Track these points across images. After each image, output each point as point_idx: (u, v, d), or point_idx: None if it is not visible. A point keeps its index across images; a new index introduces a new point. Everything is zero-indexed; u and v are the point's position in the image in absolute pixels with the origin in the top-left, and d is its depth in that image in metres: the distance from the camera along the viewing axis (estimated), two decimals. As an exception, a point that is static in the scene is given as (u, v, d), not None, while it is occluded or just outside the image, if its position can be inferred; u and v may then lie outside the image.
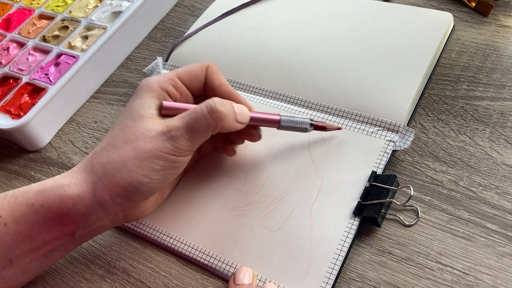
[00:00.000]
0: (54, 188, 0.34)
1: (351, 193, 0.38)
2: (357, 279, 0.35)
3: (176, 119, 0.35)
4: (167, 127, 0.34)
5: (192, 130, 0.34)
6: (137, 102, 0.36)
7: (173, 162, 0.35)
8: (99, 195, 0.34)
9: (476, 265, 0.34)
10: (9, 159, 0.51)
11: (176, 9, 0.61)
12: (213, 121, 0.35)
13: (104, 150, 0.35)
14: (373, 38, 0.46)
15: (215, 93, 0.39)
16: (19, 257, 0.34)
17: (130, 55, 0.58)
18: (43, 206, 0.34)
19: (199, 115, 0.34)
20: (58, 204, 0.34)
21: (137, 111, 0.36)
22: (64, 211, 0.34)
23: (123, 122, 0.36)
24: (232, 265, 0.37)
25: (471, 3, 0.49)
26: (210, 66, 0.40)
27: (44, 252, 0.35)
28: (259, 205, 0.39)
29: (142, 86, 0.38)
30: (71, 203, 0.34)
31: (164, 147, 0.34)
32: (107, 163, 0.34)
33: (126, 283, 0.39)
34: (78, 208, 0.34)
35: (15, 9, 0.61)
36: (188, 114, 0.35)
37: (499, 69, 0.43)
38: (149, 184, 0.34)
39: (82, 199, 0.34)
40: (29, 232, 0.34)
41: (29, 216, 0.34)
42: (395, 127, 0.40)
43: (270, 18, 0.52)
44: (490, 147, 0.39)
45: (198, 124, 0.34)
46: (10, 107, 0.51)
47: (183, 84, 0.39)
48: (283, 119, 0.39)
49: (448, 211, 0.36)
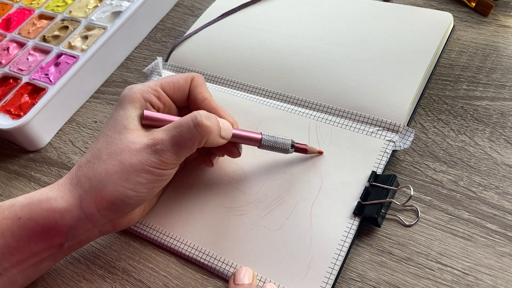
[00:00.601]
0: (41, 201, 0.34)
1: (351, 193, 0.38)
2: (357, 279, 0.35)
3: (161, 132, 0.35)
4: (152, 140, 0.34)
5: (177, 143, 0.34)
6: (121, 113, 0.36)
7: (158, 175, 0.34)
8: (86, 208, 0.34)
9: (476, 265, 0.34)
10: (9, 159, 0.51)
11: (176, 9, 0.61)
12: (198, 135, 0.34)
13: (89, 163, 0.35)
14: (373, 38, 0.46)
15: (198, 107, 0.38)
16: (7, 269, 0.34)
17: (130, 55, 0.58)
18: (30, 220, 0.33)
19: (185, 129, 0.34)
20: (45, 217, 0.33)
21: (121, 122, 0.35)
22: (52, 224, 0.33)
23: (107, 134, 0.35)
24: (232, 265, 0.37)
25: (471, 3, 0.49)
26: (195, 78, 0.39)
27: (32, 263, 0.35)
28: (259, 205, 0.39)
29: (124, 95, 0.37)
30: (58, 216, 0.33)
31: (150, 160, 0.34)
32: (92, 177, 0.34)
33: (126, 283, 0.39)
34: (66, 221, 0.34)
35: (15, 9, 0.61)
36: (173, 127, 0.34)
37: (499, 69, 0.43)
38: (135, 197, 0.34)
39: (69, 212, 0.34)
40: (16, 244, 0.33)
41: (16, 230, 0.33)
42: (395, 127, 0.40)
43: (270, 18, 0.52)
44: (490, 147, 0.39)
45: (184, 138, 0.34)
46: (10, 107, 0.51)
47: (167, 94, 0.38)
48: (264, 138, 0.38)
49: (448, 211, 0.36)
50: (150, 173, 0.34)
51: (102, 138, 0.36)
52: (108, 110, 0.53)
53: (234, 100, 0.46)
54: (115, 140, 0.35)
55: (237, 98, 0.47)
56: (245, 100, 0.46)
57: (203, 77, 0.40)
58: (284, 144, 0.39)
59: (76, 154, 0.50)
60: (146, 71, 0.53)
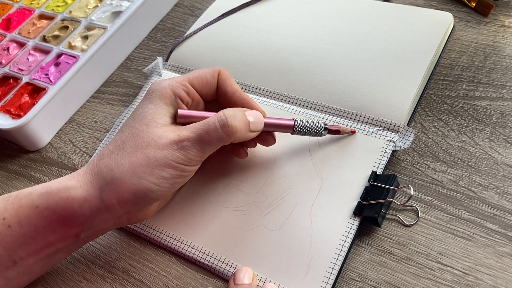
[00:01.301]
0: (59, 190, 0.34)
1: (351, 193, 0.38)
2: (357, 279, 0.35)
3: (188, 129, 0.35)
4: (178, 136, 0.34)
5: (203, 142, 0.35)
6: (151, 107, 0.36)
7: (182, 171, 0.35)
8: (106, 199, 0.34)
9: (476, 265, 0.34)
10: (9, 159, 0.51)
11: (176, 9, 0.61)
12: (224, 135, 0.35)
13: (112, 154, 0.35)
14: (373, 38, 0.46)
15: (228, 100, 0.39)
16: (22, 258, 0.34)
17: (130, 55, 0.58)
18: (47, 209, 0.33)
19: (211, 128, 0.35)
20: (63, 206, 0.33)
21: (151, 116, 0.36)
22: (69, 213, 0.34)
23: (134, 126, 0.36)
24: (232, 265, 0.37)
25: (471, 3, 0.49)
26: (221, 72, 0.39)
27: (47, 253, 0.35)
28: (259, 205, 0.39)
29: (154, 90, 0.37)
30: (76, 206, 0.33)
31: (175, 156, 0.34)
32: (115, 168, 0.34)
33: (126, 283, 0.39)
34: (84, 211, 0.34)
35: (15, 9, 0.61)
36: (200, 125, 0.35)
37: (499, 69, 0.43)
38: (158, 191, 0.34)
39: (88, 202, 0.34)
40: (33, 234, 0.34)
41: (33, 218, 0.33)
42: (395, 127, 0.40)
43: (270, 18, 0.52)
44: (490, 147, 0.39)
45: (210, 137, 0.35)
46: (10, 107, 0.51)
47: (195, 89, 0.38)
48: (297, 124, 0.38)
49: (448, 211, 0.36)
50: (175, 168, 0.34)
51: (127, 130, 0.36)
52: (108, 110, 0.53)
53: (234, 100, 0.46)
54: (141, 133, 0.35)
55: (237, 98, 0.47)
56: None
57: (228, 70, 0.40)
58: (317, 128, 0.39)
59: (76, 154, 0.50)
60: (146, 71, 0.53)
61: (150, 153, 0.34)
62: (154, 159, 0.34)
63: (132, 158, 0.34)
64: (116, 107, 0.53)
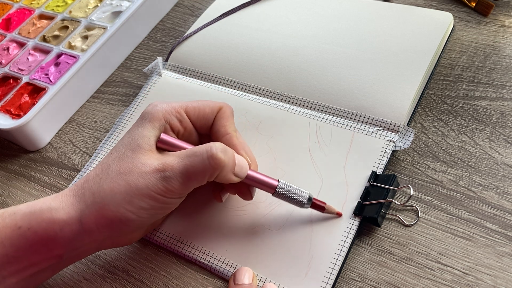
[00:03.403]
0: (42, 211, 0.33)
1: (351, 193, 0.38)
2: (357, 279, 0.35)
3: (174, 158, 0.34)
4: (162, 165, 0.33)
5: (187, 173, 0.33)
6: (139, 131, 0.35)
7: (163, 203, 0.34)
8: (85, 223, 0.33)
9: (476, 265, 0.34)
10: (9, 159, 0.51)
11: (176, 9, 0.61)
12: (210, 168, 0.33)
13: (97, 177, 0.34)
14: (373, 38, 0.46)
15: (219, 140, 0.37)
16: (5, 277, 0.33)
17: (130, 55, 0.58)
18: (30, 230, 0.33)
19: (198, 159, 0.33)
20: (44, 228, 0.33)
21: (137, 140, 0.35)
22: (51, 236, 0.33)
23: (121, 150, 0.35)
24: (232, 265, 0.37)
25: (471, 3, 0.49)
26: (222, 109, 0.37)
27: (31, 273, 0.34)
28: (259, 205, 0.39)
29: (147, 113, 0.36)
30: (57, 228, 0.33)
31: (156, 186, 0.33)
32: (97, 192, 0.33)
33: (126, 283, 0.39)
34: (65, 234, 0.33)
35: (15, 9, 0.61)
36: (187, 155, 0.33)
37: (499, 69, 0.43)
38: (136, 220, 0.33)
39: (69, 225, 0.33)
40: (15, 254, 0.33)
41: (16, 239, 0.33)
42: (395, 127, 0.40)
43: (270, 18, 0.52)
44: (490, 147, 0.39)
45: (195, 168, 0.33)
46: (10, 107, 0.51)
47: (190, 119, 0.37)
48: (280, 185, 0.35)
49: (448, 211, 0.36)
50: (155, 200, 0.33)
51: (114, 153, 0.35)
52: (108, 110, 0.53)
53: (234, 100, 0.46)
54: (126, 158, 0.34)
55: (237, 98, 0.47)
56: (245, 100, 0.46)
57: (232, 108, 0.38)
58: (300, 196, 0.36)
59: (76, 154, 0.50)
60: (146, 71, 0.53)
61: (132, 180, 0.33)
62: (135, 187, 0.33)
63: (114, 183, 0.33)
64: (116, 107, 0.53)
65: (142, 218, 0.33)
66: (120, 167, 0.34)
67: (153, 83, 0.51)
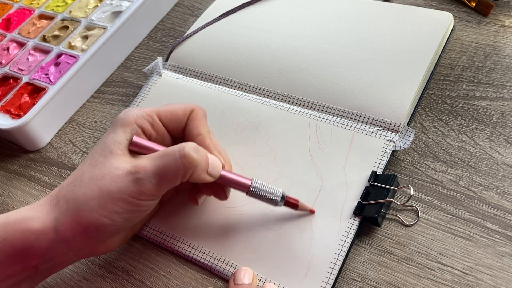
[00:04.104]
0: (17, 221, 0.33)
1: (351, 193, 0.38)
2: (357, 279, 0.35)
3: (146, 159, 0.33)
4: (135, 167, 0.33)
5: (160, 174, 0.32)
6: (111, 137, 0.35)
7: (137, 206, 0.33)
8: (60, 232, 0.33)
9: (476, 265, 0.34)
10: (9, 159, 0.51)
11: (176, 9, 0.61)
12: (183, 167, 0.32)
13: (71, 185, 0.34)
14: (373, 38, 0.46)
15: (192, 141, 0.36)
16: None
17: (130, 55, 0.58)
18: (5, 240, 0.33)
19: (170, 159, 0.33)
20: (19, 238, 0.33)
21: (109, 146, 0.34)
22: (26, 246, 0.33)
23: (93, 156, 0.35)
24: (232, 265, 0.37)
25: (471, 3, 0.49)
26: (194, 111, 0.37)
27: (8, 285, 0.34)
28: (259, 205, 0.39)
29: (118, 119, 0.36)
30: (33, 238, 0.33)
31: (129, 189, 0.32)
32: (71, 199, 0.33)
33: (126, 283, 0.39)
34: (40, 244, 0.33)
35: (15, 9, 0.61)
36: (159, 156, 0.33)
37: (499, 69, 0.43)
38: (111, 226, 0.33)
39: (44, 234, 0.33)
40: None
41: None
42: (395, 127, 0.40)
43: (270, 18, 0.52)
44: (490, 147, 0.39)
45: (168, 168, 0.32)
46: (10, 107, 0.51)
47: (162, 123, 0.37)
48: (254, 185, 0.36)
49: (448, 211, 0.36)
50: (128, 203, 0.33)
51: (88, 160, 0.35)
52: (108, 110, 0.53)
53: (234, 100, 0.46)
54: (99, 164, 0.34)
55: (237, 98, 0.47)
56: (245, 100, 0.46)
57: (205, 110, 0.38)
58: (273, 195, 0.36)
59: (76, 154, 0.50)
60: (146, 71, 0.53)
61: (104, 185, 0.32)
62: (107, 192, 0.32)
63: (87, 190, 0.33)
64: (116, 107, 0.53)
65: (117, 222, 0.33)
66: (93, 173, 0.33)
67: (153, 83, 0.51)
